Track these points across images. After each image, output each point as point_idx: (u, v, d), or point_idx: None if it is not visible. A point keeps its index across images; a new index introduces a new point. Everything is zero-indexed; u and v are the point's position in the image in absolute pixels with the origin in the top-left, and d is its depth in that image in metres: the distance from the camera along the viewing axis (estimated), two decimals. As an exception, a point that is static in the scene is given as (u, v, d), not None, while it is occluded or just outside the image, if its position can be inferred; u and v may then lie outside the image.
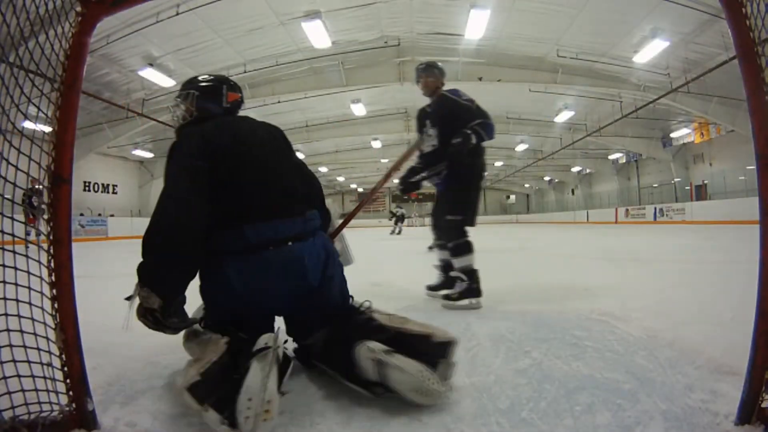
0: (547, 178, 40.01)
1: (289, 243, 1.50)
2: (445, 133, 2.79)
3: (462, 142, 2.65)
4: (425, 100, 3.07)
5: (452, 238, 2.75)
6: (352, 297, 1.70)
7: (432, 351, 1.36)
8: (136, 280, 1.44)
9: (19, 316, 1.07)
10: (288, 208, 1.56)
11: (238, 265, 1.47)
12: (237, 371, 1.18)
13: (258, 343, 1.24)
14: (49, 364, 1.10)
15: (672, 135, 22.27)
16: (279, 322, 1.65)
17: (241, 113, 1.89)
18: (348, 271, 1.83)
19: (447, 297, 2.73)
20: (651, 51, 12.37)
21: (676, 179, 23.61)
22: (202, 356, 1.28)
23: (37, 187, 3.58)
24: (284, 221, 1.52)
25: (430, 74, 3.00)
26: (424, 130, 3.00)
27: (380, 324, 1.48)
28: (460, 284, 2.70)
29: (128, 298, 1.46)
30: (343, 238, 2.15)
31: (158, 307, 1.40)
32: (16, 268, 1.04)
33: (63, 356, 1.11)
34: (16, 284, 1.04)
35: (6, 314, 1.04)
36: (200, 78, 1.82)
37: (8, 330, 1.05)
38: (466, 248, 2.72)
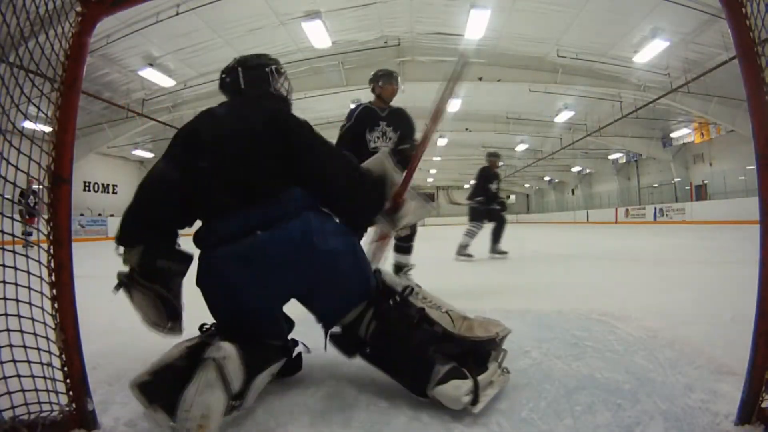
0: (547, 178, 39.99)
1: (253, 234, 1.36)
2: (400, 138, 3.38)
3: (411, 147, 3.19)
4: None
5: None
6: (379, 271, 1.58)
7: (497, 349, 1.42)
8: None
9: (19, 316, 1.07)
10: (243, 199, 1.41)
11: (207, 260, 1.44)
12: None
13: (207, 352, 1.20)
14: (49, 364, 1.10)
15: (672, 135, 22.26)
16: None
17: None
18: None
19: None
20: (651, 51, 12.36)
21: (676, 179, 23.61)
22: (162, 358, 1.30)
23: (34, 187, 3.56)
24: (237, 214, 1.39)
25: (395, 83, 3.48)
26: (379, 129, 3.41)
27: (446, 332, 1.42)
28: None
29: (117, 287, 1.51)
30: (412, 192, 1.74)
31: (135, 265, 1.46)
32: (16, 268, 1.04)
33: (63, 356, 1.11)
34: (16, 284, 1.04)
35: (6, 314, 1.04)
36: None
37: (8, 330, 1.05)
38: None
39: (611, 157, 29.08)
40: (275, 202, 1.40)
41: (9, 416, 1.04)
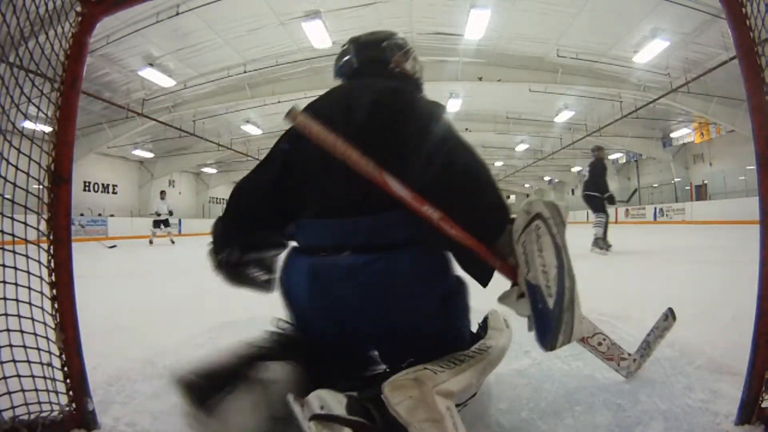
0: (547, 178, 39.99)
1: (343, 254, 1.11)
2: None
3: None
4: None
5: None
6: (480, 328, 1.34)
7: None
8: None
9: (19, 316, 1.07)
10: (342, 206, 1.15)
11: (288, 263, 1.27)
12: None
13: (258, 369, 1.07)
14: (49, 364, 1.10)
15: (672, 135, 22.25)
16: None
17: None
18: None
19: None
20: (651, 51, 12.35)
21: (676, 179, 23.60)
22: (214, 361, 1.14)
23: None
24: (332, 222, 1.15)
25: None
26: None
27: None
28: None
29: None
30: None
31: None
32: (16, 268, 1.04)
33: (63, 356, 1.12)
34: (16, 284, 1.04)
35: (6, 314, 1.04)
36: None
37: (8, 330, 1.05)
38: None
39: (611, 157, 29.07)
40: (382, 225, 1.12)
41: (9, 416, 1.04)
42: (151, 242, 13.12)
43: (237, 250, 1.34)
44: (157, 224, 13.60)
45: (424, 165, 1.10)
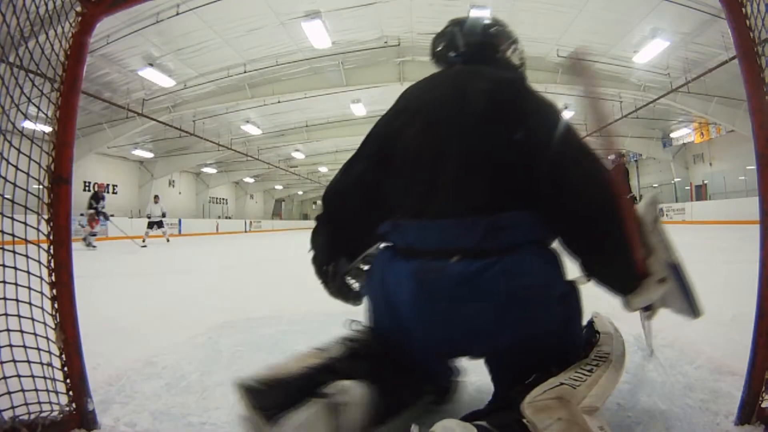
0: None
1: (452, 259, 0.99)
2: None
3: None
4: None
5: None
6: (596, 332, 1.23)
7: None
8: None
9: (19, 316, 1.07)
10: (449, 205, 1.04)
11: (381, 265, 1.15)
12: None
13: (329, 386, 0.96)
14: (49, 364, 1.10)
15: (672, 135, 22.24)
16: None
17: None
18: None
19: None
20: (651, 51, 12.35)
21: (676, 179, 23.60)
22: (281, 369, 1.05)
23: (99, 192, 6.45)
24: (438, 223, 1.03)
25: None
26: None
27: None
28: None
29: None
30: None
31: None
32: (16, 268, 1.04)
33: (63, 356, 1.11)
34: (16, 284, 1.04)
35: (6, 314, 1.04)
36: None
37: (8, 330, 1.05)
38: None
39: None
40: (500, 226, 1.00)
41: (9, 416, 1.04)
42: (143, 241, 12.68)
43: (345, 261, 1.32)
44: (150, 225, 13.85)
45: (547, 166, 1.02)
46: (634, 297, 1.07)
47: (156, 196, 14.98)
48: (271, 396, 0.96)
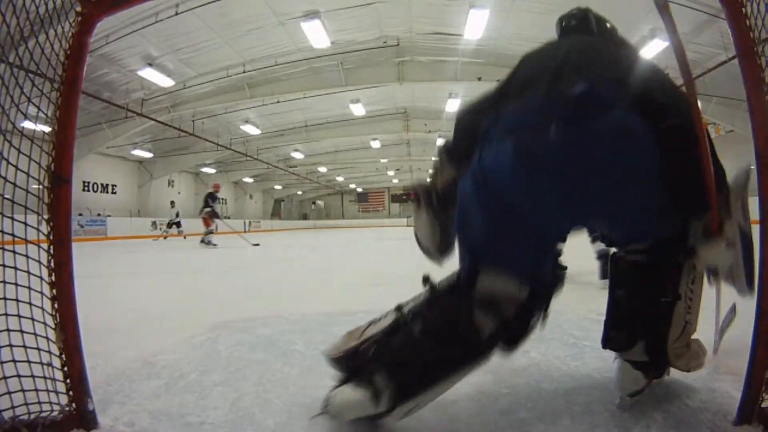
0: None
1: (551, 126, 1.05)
2: None
3: None
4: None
5: None
6: None
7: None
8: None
9: (19, 316, 1.07)
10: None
11: (492, 151, 1.16)
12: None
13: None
14: (49, 364, 1.10)
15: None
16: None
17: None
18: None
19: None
20: (650, 51, 12.35)
21: (675, 179, 23.61)
22: (350, 337, 1.25)
23: (214, 192, 7.68)
24: (540, 98, 1.13)
25: None
26: None
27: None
28: None
29: None
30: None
31: (440, 186, 1.38)
32: (16, 268, 1.04)
33: (63, 356, 1.11)
34: (16, 284, 1.04)
35: (6, 314, 1.04)
36: None
37: (8, 330, 1.05)
38: None
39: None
40: (585, 94, 1.06)
41: (9, 416, 1.04)
42: (165, 238, 17.01)
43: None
44: (169, 225, 17.54)
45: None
46: (704, 248, 1.14)
47: (172, 202, 18.76)
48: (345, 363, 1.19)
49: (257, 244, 10.88)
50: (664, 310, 1.20)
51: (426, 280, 1.27)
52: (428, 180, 1.42)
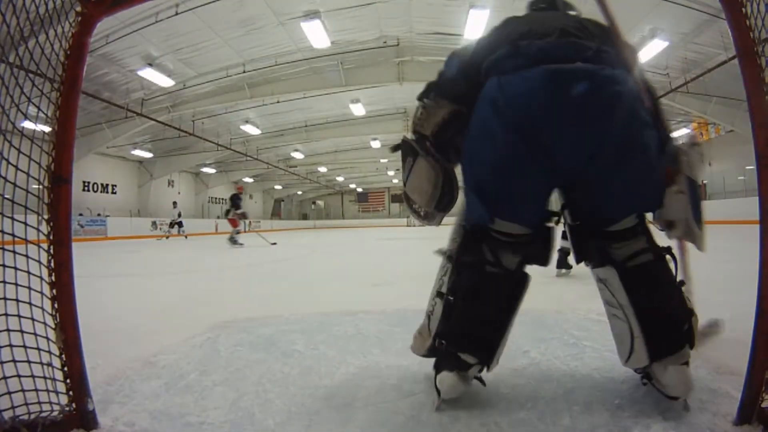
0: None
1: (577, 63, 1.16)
2: None
3: None
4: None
5: None
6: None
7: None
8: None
9: (19, 316, 1.07)
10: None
11: (502, 83, 1.21)
12: None
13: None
14: (49, 364, 1.10)
15: (671, 135, 22.22)
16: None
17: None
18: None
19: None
20: (650, 51, 12.36)
21: (675, 179, 23.59)
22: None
23: (238, 193, 7.39)
24: (560, 41, 1.23)
25: None
26: None
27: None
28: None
29: None
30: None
31: (431, 132, 1.39)
32: (16, 268, 1.04)
33: (63, 356, 1.11)
34: (16, 284, 1.04)
35: (6, 314, 1.04)
36: None
37: (8, 330, 1.05)
38: None
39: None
40: (603, 49, 1.22)
41: (9, 416, 1.04)
42: (167, 238, 17.95)
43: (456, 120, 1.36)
44: (171, 225, 18.86)
45: None
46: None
47: (174, 202, 20.10)
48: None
49: (275, 243, 11.17)
50: (683, 298, 1.26)
51: (443, 253, 1.42)
52: (416, 128, 1.40)
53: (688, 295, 1.32)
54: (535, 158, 1.18)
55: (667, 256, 1.30)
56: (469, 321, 1.30)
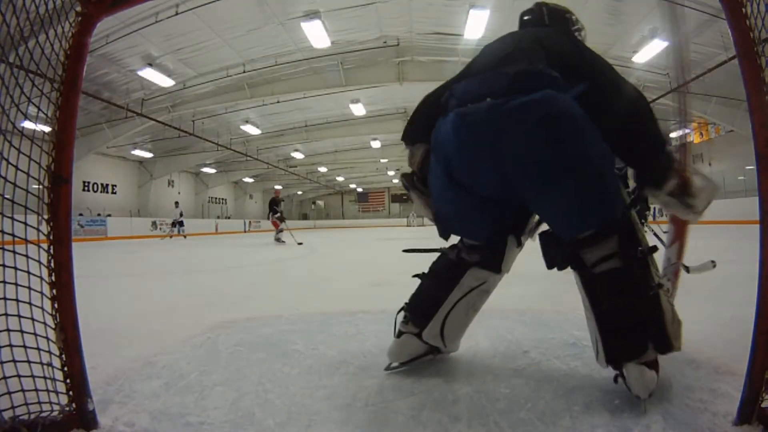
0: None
1: (487, 99, 1.23)
2: None
3: None
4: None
5: None
6: (628, 208, 1.35)
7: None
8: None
9: (19, 316, 1.07)
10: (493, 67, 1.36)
11: (440, 123, 1.36)
12: None
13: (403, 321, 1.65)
14: (49, 364, 1.10)
15: (671, 135, 22.21)
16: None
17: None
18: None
19: None
20: (650, 51, 12.37)
21: (675, 179, 23.58)
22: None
23: (276, 197, 7.58)
24: (484, 76, 1.33)
25: None
26: None
27: (662, 326, 1.26)
28: None
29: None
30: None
31: (416, 167, 1.62)
32: (16, 268, 1.04)
33: (63, 356, 1.11)
34: (16, 284, 1.04)
35: (6, 314, 1.04)
36: None
37: (8, 330, 1.05)
38: None
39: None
40: (528, 71, 1.25)
41: (9, 416, 1.04)
42: (170, 237, 18.60)
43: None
44: (173, 224, 19.23)
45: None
46: (691, 200, 1.35)
47: (176, 202, 20.36)
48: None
49: (301, 243, 11.55)
50: (654, 303, 1.25)
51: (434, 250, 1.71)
52: (409, 164, 1.62)
53: (668, 295, 1.32)
54: (460, 192, 1.37)
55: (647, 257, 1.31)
56: (420, 292, 1.63)
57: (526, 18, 1.72)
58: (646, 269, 1.28)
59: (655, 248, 1.33)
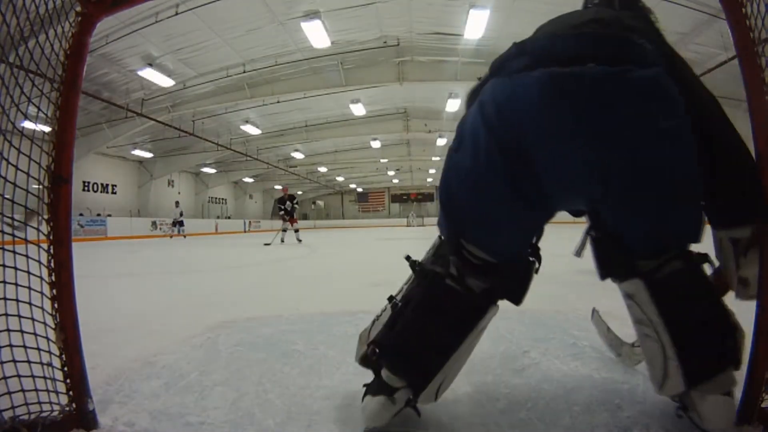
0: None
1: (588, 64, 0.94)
2: None
3: None
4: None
5: None
6: None
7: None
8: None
9: (19, 316, 1.07)
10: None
11: (495, 86, 1.06)
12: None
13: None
14: (49, 364, 1.10)
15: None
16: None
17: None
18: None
19: None
20: (650, 51, 12.36)
21: (675, 179, 23.59)
22: None
23: (284, 195, 7.09)
24: (581, 32, 1.05)
25: None
26: None
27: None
28: None
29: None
30: None
31: None
32: (16, 268, 1.04)
33: (63, 356, 1.11)
34: (16, 284, 1.04)
35: (6, 314, 1.04)
36: None
37: (8, 330, 1.05)
38: None
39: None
40: (633, 39, 1.01)
41: (9, 416, 1.04)
42: (171, 237, 19.05)
43: None
44: (174, 224, 19.76)
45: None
46: (750, 260, 1.09)
47: (177, 202, 20.67)
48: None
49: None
50: (725, 309, 1.05)
51: (408, 259, 1.23)
52: None
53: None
54: (516, 183, 1.01)
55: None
56: (411, 334, 1.12)
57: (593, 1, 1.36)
58: (704, 274, 1.11)
59: (706, 255, 1.14)
